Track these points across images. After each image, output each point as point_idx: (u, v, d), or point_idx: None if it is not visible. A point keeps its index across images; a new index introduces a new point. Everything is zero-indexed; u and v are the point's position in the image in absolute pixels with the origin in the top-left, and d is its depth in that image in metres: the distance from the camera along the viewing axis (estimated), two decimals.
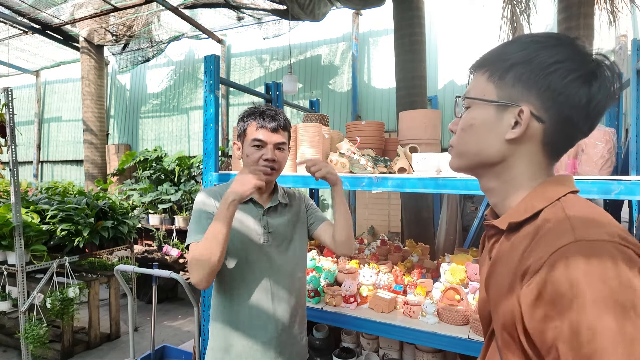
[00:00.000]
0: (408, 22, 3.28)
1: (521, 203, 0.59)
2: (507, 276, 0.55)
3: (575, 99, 0.54)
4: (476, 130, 0.61)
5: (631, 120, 1.65)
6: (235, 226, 1.19)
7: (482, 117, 0.60)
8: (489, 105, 0.60)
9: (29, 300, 2.67)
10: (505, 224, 0.60)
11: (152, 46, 5.79)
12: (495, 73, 0.59)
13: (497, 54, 0.60)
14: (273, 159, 1.18)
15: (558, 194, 0.57)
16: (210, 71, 1.92)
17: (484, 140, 0.60)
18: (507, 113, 0.58)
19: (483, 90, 0.61)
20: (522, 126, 0.57)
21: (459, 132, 0.64)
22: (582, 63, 0.54)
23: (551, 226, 0.53)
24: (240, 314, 1.18)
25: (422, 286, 1.75)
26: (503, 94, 0.59)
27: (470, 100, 0.62)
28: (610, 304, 0.43)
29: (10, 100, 2.56)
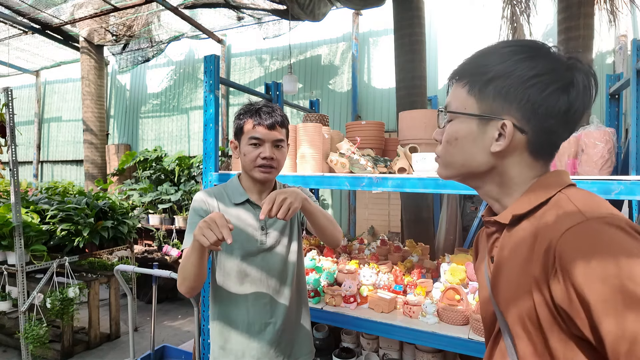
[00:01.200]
0: (408, 22, 3.28)
1: (523, 197, 0.60)
2: (519, 271, 0.55)
3: (554, 109, 0.56)
4: (461, 143, 0.62)
5: (631, 120, 1.65)
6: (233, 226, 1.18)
7: (465, 131, 0.61)
8: (471, 118, 0.61)
9: (29, 300, 2.67)
10: (508, 217, 0.60)
11: (152, 46, 5.79)
12: (475, 86, 0.60)
13: (476, 66, 0.61)
14: (271, 157, 1.16)
15: (559, 186, 0.59)
16: (210, 71, 1.92)
17: (469, 152, 0.61)
18: (489, 126, 0.60)
19: (464, 103, 0.61)
20: (506, 139, 0.58)
21: (444, 144, 0.64)
22: (559, 74, 0.56)
23: (558, 212, 0.53)
24: (239, 314, 1.18)
25: (422, 286, 1.75)
26: (484, 107, 0.60)
27: (452, 114, 0.63)
28: None
29: (10, 100, 2.56)
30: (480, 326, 1.41)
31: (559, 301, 0.49)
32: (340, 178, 1.64)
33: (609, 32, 3.66)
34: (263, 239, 1.20)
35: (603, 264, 0.45)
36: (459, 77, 0.63)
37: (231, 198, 1.21)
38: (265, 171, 1.17)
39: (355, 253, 2.32)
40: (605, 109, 2.12)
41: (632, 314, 0.43)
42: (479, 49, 0.64)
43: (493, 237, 0.65)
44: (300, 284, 1.30)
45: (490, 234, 0.66)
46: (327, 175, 1.69)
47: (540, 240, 0.53)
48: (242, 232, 1.19)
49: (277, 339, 1.19)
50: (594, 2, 2.78)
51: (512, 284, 0.57)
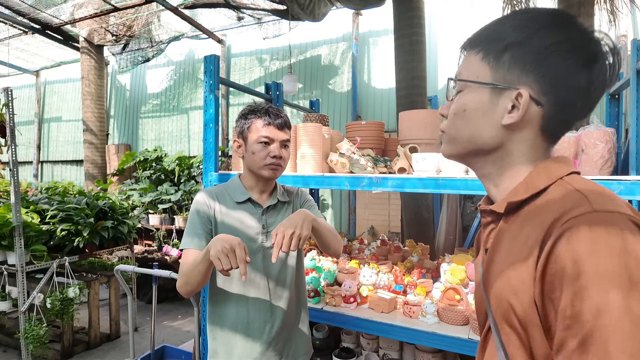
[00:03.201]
0: (408, 22, 3.28)
1: (521, 183, 0.56)
2: (511, 263, 0.51)
3: (575, 82, 0.52)
4: (469, 115, 0.57)
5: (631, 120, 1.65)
6: (234, 225, 1.19)
7: (476, 101, 0.57)
8: (484, 88, 0.56)
9: (29, 300, 2.67)
10: (503, 206, 0.56)
11: (152, 46, 5.79)
12: (489, 53, 0.55)
13: (492, 33, 0.56)
14: (281, 155, 1.19)
15: (561, 172, 0.54)
16: (210, 71, 1.92)
17: (478, 125, 0.57)
18: (503, 97, 0.55)
19: (476, 71, 0.57)
20: (520, 110, 0.53)
21: (451, 117, 0.60)
22: (582, 44, 0.51)
23: (560, 199, 0.50)
24: (239, 315, 1.18)
25: (422, 286, 1.75)
26: (498, 76, 0.55)
27: (462, 83, 0.58)
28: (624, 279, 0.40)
29: (10, 100, 2.56)
30: None
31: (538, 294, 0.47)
32: (340, 178, 1.64)
33: (609, 32, 3.66)
34: (264, 239, 1.21)
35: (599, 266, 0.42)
36: (472, 45, 0.58)
37: (233, 197, 1.22)
38: (274, 169, 1.20)
39: (355, 253, 2.32)
40: (605, 109, 2.12)
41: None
42: (494, 19, 0.59)
43: (489, 228, 0.61)
44: (300, 284, 1.30)
45: (486, 225, 0.62)
46: (327, 175, 1.69)
47: (536, 230, 0.49)
48: (243, 231, 1.19)
49: (275, 339, 1.19)
50: (594, 2, 2.78)
51: (504, 275, 0.53)
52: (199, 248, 1.15)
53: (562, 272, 0.44)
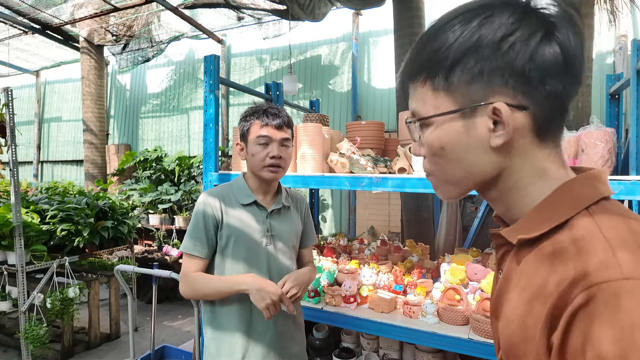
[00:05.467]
0: (408, 22, 3.28)
1: (537, 211, 0.46)
2: (523, 306, 0.44)
3: (549, 64, 0.43)
4: (451, 152, 0.48)
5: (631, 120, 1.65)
6: (239, 227, 1.19)
7: (450, 134, 0.48)
8: (451, 117, 0.47)
9: (29, 301, 2.67)
10: (514, 238, 0.47)
11: (152, 46, 5.79)
12: (437, 79, 0.47)
13: (427, 55, 0.47)
14: (280, 155, 1.18)
15: (589, 198, 0.44)
16: (210, 71, 1.92)
17: (468, 159, 0.48)
18: (477, 117, 0.46)
19: (433, 103, 0.48)
20: (506, 125, 0.45)
21: (431, 158, 0.51)
22: (532, 21, 0.43)
23: (584, 249, 0.40)
24: (241, 317, 1.18)
25: (422, 286, 1.75)
26: (461, 98, 0.46)
27: (426, 121, 0.49)
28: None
29: (11, 100, 2.56)
30: (480, 326, 1.41)
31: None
32: (340, 178, 1.64)
33: (609, 32, 3.66)
34: (267, 241, 1.21)
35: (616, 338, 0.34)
36: (411, 77, 0.50)
37: (238, 198, 1.22)
38: (274, 171, 1.18)
39: (355, 253, 2.32)
40: (605, 109, 2.12)
41: None
42: (420, 36, 0.50)
43: (502, 249, 0.53)
44: None
45: (499, 246, 0.53)
46: (327, 175, 1.69)
47: (553, 281, 0.41)
48: (248, 233, 1.19)
49: (277, 341, 1.20)
50: (594, 2, 2.77)
51: (511, 316, 0.46)
52: (203, 255, 1.17)
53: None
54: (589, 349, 0.35)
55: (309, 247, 1.39)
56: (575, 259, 0.40)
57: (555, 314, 0.39)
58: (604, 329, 0.35)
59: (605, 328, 0.35)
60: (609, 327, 0.35)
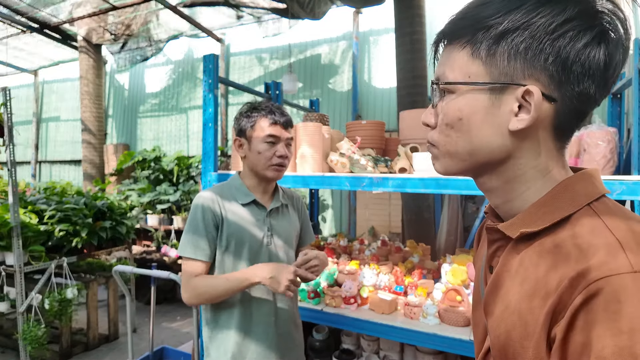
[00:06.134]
0: (409, 21, 3.26)
1: (537, 206, 0.46)
2: (520, 300, 0.44)
3: (592, 65, 0.42)
4: (467, 124, 0.46)
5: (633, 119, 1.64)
6: (239, 227, 1.17)
7: (473, 106, 0.46)
8: (480, 89, 0.45)
9: (27, 301, 2.65)
10: (515, 232, 0.46)
11: (150, 45, 5.77)
12: (479, 46, 0.44)
13: (478, 19, 0.44)
14: (286, 155, 1.18)
15: (589, 196, 0.44)
16: (209, 70, 1.90)
17: (480, 135, 0.46)
18: (505, 95, 0.44)
19: (466, 70, 0.46)
20: (532, 111, 0.43)
21: (443, 128, 0.49)
22: (591, 17, 0.42)
23: (588, 242, 0.40)
24: (241, 318, 1.17)
25: (423, 287, 1.73)
26: (496, 72, 0.44)
27: (452, 86, 0.47)
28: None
29: (8, 100, 2.54)
30: None
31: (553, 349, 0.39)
32: (341, 178, 1.63)
33: None
34: (268, 240, 1.20)
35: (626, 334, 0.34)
36: (452, 37, 0.47)
37: (236, 198, 1.20)
38: (279, 169, 1.18)
39: (355, 254, 2.31)
40: (608, 109, 2.11)
41: None
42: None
43: (495, 244, 0.52)
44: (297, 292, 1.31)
45: (492, 241, 0.52)
46: (328, 175, 1.67)
47: (556, 275, 0.41)
48: (249, 233, 1.18)
49: (278, 343, 1.19)
50: None
51: (507, 312, 0.45)
52: (206, 258, 1.14)
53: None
54: (592, 346, 0.36)
55: (308, 245, 1.38)
56: (579, 255, 0.40)
57: (557, 309, 0.39)
58: (607, 324, 0.35)
59: (609, 323, 0.35)
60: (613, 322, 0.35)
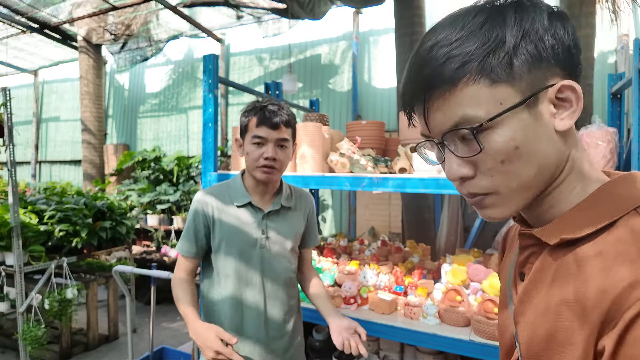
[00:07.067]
0: (409, 21, 3.27)
1: (578, 211, 0.44)
2: (562, 310, 0.42)
3: (576, 44, 0.44)
4: (525, 149, 0.42)
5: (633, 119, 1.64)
6: (231, 229, 1.17)
7: (521, 131, 0.42)
8: (518, 111, 0.42)
9: (27, 301, 2.65)
10: (553, 238, 0.44)
11: (150, 45, 5.77)
12: (496, 69, 0.41)
13: (475, 47, 0.41)
14: (274, 157, 1.12)
15: (635, 200, 0.42)
16: (209, 70, 1.90)
17: (539, 153, 0.43)
18: (539, 104, 0.42)
19: (494, 99, 0.42)
20: (578, 102, 0.42)
21: (499, 168, 0.43)
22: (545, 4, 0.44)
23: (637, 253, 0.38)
24: (233, 317, 1.16)
25: (423, 287, 1.73)
26: (524, 85, 0.42)
27: (491, 123, 0.42)
28: None
29: (8, 100, 2.54)
30: (482, 328, 1.40)
31: None
32: (341, 178, 1.63)
33: (611, 31, 3.65)
34: (262, 244, 1.18)
35: None
36: (453, 78, 0.42)
37: (233, 199, 1.19)
38: (267, 172, 1.13)
39: (355, 254, 2.31)
40: (607, 109, 2.11)
41: None
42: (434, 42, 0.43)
43: (528, 251, 0.49)
44: (296, 288, 1.30)
45: (525, 247, 0.50)
46: (327, 176, 1.67)
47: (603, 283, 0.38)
48: (242, 233, 1.17)
49: (269, 344, 1.18)
50: (595, 1, 2.76)
51: (543, 321, 0.44)
52: (191, 255, 1.18)
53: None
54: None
55: (309, 248, 1.36)
56: (629, 264, 0.37)
57: (606, 319, 0.37)
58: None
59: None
60: None
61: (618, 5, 3.23)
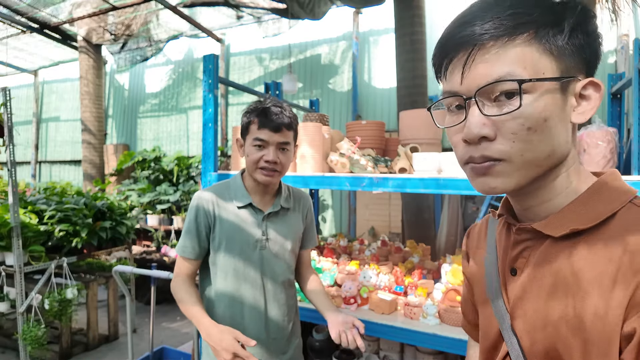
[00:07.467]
0: (409, 21, 3.26)
1: (579, 204, 0.46)
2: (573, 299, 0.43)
3: (600, 55, 0.46)
4: (549, 125, 0.43)
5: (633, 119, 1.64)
6: (231, 230, 1.16)
7: (553, 105, 0.44)
8: (555, 86, 0.43)
9: (27, 301, 2.65)
10: (559, 230, 0.46)
11: (150, 45, 5.77)
12: (551, 42, 0.42)
13: (541, 13, 0.43)
14: (275, 160, 1.11)
15: (629, 193, 0.46)
16: (209, 70, 1.90)
17: (557, 134, 0.44)
18: (569, 90, 0.45)
19: (539, 66, 0.43)
20: (597, 100, 0.45)
21: (523, 135, 0.43)
22: None
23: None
24: (234, 318, 1.16)
25: (423, 287, 1.73)
26: (564, 67, 0.44)
27: (533, 85, 0.43)
28: None
29: (8, 100, 2.54)
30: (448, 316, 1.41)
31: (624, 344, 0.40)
32: (341, 178, 1.63)
33: (611, 31, 3.65)
34: (262, 245, 1.18)
35: None
36: (513, 29, 0.42)
37: (233, 199, 1.19)
38: (268, 174, 1.12)
39: (355, 254, 2.31)
40: (607, 109, 2.11)
41: None
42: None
43: (521, 245, 0.50)
44: (294, 289, 1.30)
45: (518, 242, 0.51)
46: (327, 176, 1.67)
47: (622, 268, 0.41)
48: (242, 233, 1.17)
49: (269, 345, 1.18)
50: (595, 1, 2.76)
51: (554, 313, 0.45)
52: (193, 257, 1.16)
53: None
54: None
55: (308, 249, 1.36)
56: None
57: (632, 303, 0.39)
58: None
59: None
60: None
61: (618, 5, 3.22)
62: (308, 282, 1.32)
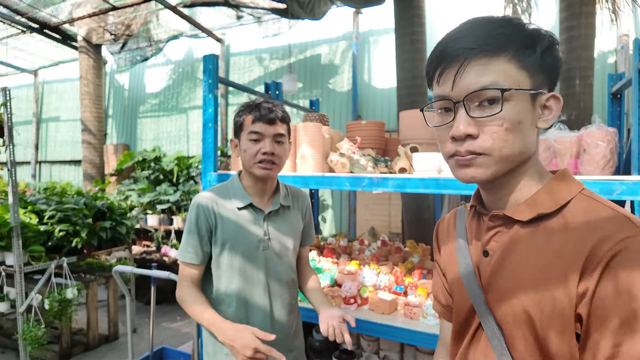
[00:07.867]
0: (409, 21, 3.26)
1: (542, 193, 0.57)
2: (536, 269, 0.54)
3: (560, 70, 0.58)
4: (524, 127, 0.54)
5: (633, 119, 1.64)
6: (233, 233, 1.16)
7: (526, 111, 0.55)
8: (526, 96, 0.54)
9: (27, 302, 2.65)
10: (528, 215, 0.56)
11: (150, 45, 5.77)
12: (526, 59, 0.54)
13: (527, 34, 0.54)
14: (272, 152, 1.12)
15: (580, 186, 0.57)
16: (209, 70, 1.90)
17: (527, 136, 0.56)
18: (537, 102, 0.56)
19: (516, 80, 0.54)
20: (554, 112, 0.57)
21: (502, 134, 0.53)
22: None
23: (599, 217, 0.52)
24: (238, 320, 1.15)
25: (423, 287, 1.73)
26: (535, 83, 0.55)
27: (512, 94, 0.53)
28: None
29: (8, 100, 2.54)
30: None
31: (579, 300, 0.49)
32: (341, 178, 1.63)
33: (611, 31, 3.65)
34: (265, 245, 1.18)
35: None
36: (498, 50, 0.53)
37: (233, 201, 1.18)
38: (266, 167, 1.13)
39: (355, 254, 2.31)
40: (607, 109, 2.11)
41: None
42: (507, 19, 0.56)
43: (493, 230, 0.60)
44: (297, 289, 1.30)
45: (490, 227, 0.61)
46: (328, 176, 1.67)
47: (575, 247, 0.51)
48: (245, 234, 1.17)
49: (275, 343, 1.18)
50: (595, 1, 2.76)
51: (522, 283, 0.55)
52: (197, 262, 1.15)
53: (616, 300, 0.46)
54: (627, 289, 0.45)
55: (307, 247, 1.36)
56: (595, 226, 0.50)
57: (585, 267, 0.49)
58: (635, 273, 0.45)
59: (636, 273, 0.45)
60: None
61: (618, 5, 3.22)
62: (307, 280, 1.32)
